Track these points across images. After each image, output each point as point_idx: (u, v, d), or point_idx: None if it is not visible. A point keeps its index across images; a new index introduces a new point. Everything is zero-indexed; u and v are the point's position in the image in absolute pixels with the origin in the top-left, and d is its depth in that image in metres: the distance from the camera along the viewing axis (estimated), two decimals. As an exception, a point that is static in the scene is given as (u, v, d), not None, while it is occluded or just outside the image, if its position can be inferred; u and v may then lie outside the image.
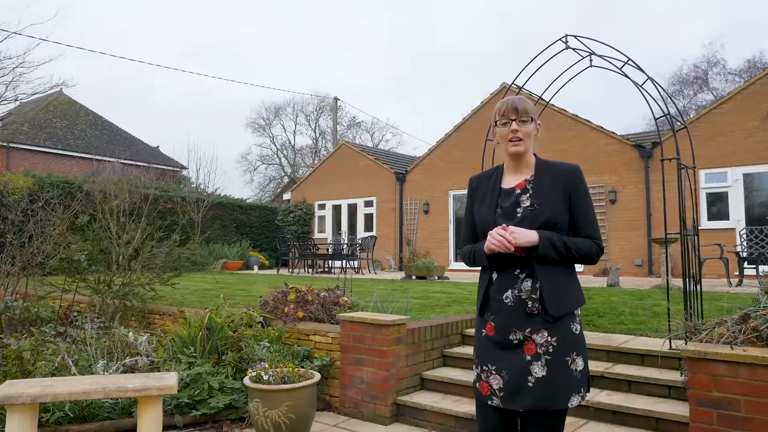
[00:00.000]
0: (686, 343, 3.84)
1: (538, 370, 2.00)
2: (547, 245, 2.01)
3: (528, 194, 2.12)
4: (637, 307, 6.08)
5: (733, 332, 3.19)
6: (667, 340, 4.09)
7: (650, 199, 12.65)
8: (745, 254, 9.50)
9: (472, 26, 57.62)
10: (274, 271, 15.15)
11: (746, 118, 11.72)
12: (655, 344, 4.21)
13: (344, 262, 14.32)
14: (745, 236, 9.69)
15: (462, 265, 15.46)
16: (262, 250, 18.51)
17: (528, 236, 2.01)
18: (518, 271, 2.07)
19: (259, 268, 16.53)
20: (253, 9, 59.32)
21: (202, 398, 4.29)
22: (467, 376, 4.50)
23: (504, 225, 2.04)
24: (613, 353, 4.27)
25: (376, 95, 57.34)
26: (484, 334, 2.16)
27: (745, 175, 11.77)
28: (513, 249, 2.01)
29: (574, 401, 2.02)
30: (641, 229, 12.71)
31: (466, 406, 4.12)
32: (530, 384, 2.00)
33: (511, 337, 2.06)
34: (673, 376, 3.79)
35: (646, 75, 4.48)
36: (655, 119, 4.50)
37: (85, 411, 4.07)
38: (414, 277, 11.59)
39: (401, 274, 13.48)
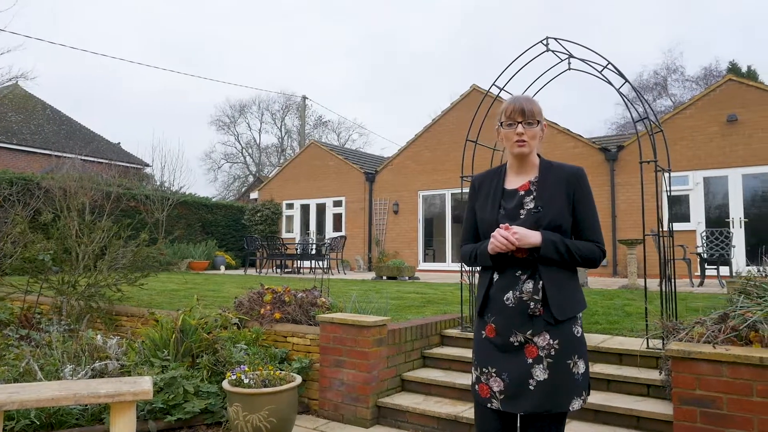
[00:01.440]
0: (664, 343, 3.93)
1: (540, 373, 1.99)
2: (550, 247, 1.99)
3: (532, 196, 2.09)
4: (609, 307, 6.19)
5: (712, 332, 3.26)
6: (645, 340, 4.16)
7: (615, 201, 12.96)
8: (705, 255, 9.81)
9: (441, 29, 58.06)
10: (241, 272, 14.88)
11: (707, 123, 12.13)
12: (632, 344, 4.28)
13: (313, 262, 14.17)
14: (705, 238, 10.00)
15: (431, 265, 15.52)
16: (229, 250, 18.17)
17: (530, 237, 1.99)
18: (519, 272, 2.05)
19: (226, 268, 16.22)
20: (214, 6, 58.33)
21: (176, 403, 4.14)
22: (448, 377, 4.49)
23: (506, 225, 2.02)
24: (591, 353, 4.31)
25: (343, 95, 57.21)
26: (484, 336, 2.13)
27: (705, 179, 12.19)
28: (515, 248, 1.99)
29: (576, 404, 2.01)
30: (606, 231, 13.00)
31: (448, 407, 4.10)
32: (531, 387, 1.98)
33: (512, 339, 2.04)
34: (652, 375, 3.85)
35: (625, 78, 4.55)
36: (634, 122, 4.58)
37: (53, 418, 3.88)
38: (385, 278, 11.56)
39: (371, 275, 13.43)
